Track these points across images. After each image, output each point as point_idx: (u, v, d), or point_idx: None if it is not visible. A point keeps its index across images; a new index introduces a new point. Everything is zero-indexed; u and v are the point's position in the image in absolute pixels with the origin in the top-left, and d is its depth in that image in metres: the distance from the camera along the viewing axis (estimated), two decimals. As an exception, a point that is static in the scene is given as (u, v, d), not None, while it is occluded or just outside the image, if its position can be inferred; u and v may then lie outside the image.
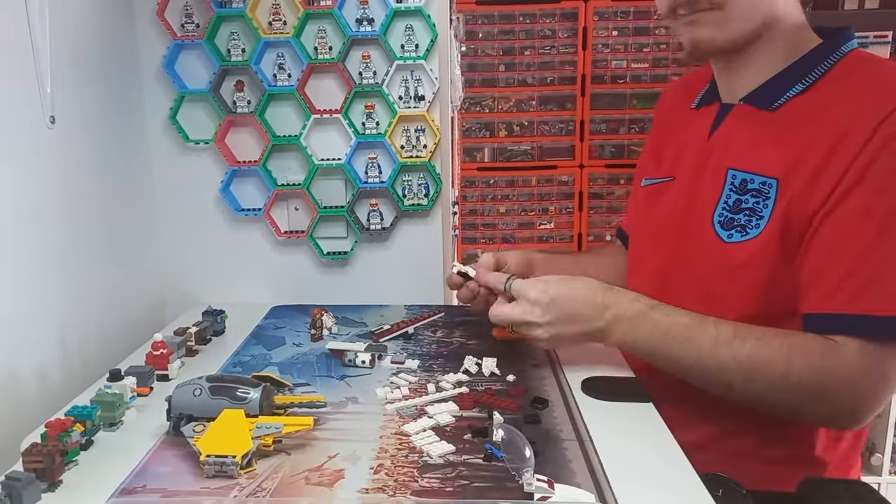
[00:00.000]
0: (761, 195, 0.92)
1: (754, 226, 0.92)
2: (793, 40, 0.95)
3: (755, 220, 0.92)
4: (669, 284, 1.02)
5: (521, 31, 2.35)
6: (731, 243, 0.93)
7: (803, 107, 0.92)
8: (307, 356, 1.10)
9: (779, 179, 0.90)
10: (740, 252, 0.93)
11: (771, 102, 0.95)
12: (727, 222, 0.94)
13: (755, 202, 0.92)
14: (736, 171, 0.95)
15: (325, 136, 1.35)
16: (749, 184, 0.93)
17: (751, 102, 0.97)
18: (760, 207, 0.91)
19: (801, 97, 0.93)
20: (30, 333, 0.98)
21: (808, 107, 0.92)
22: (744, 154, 0.95)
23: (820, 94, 0.92)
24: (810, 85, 0.92)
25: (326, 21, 1.30)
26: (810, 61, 0.93)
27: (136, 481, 0.75)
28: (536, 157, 2.42)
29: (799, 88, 0.93)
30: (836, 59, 0.92)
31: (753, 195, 0.92)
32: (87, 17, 1.14)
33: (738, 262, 0.93)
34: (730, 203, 0.95)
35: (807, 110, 0.91)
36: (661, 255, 1.05)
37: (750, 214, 0.92)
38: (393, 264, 1.40)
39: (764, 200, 0.91)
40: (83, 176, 1.12)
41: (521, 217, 2.45)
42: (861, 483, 0.92)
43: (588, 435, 0.84)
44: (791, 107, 0.93)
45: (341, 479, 0.75)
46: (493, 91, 2.39)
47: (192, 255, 1.39)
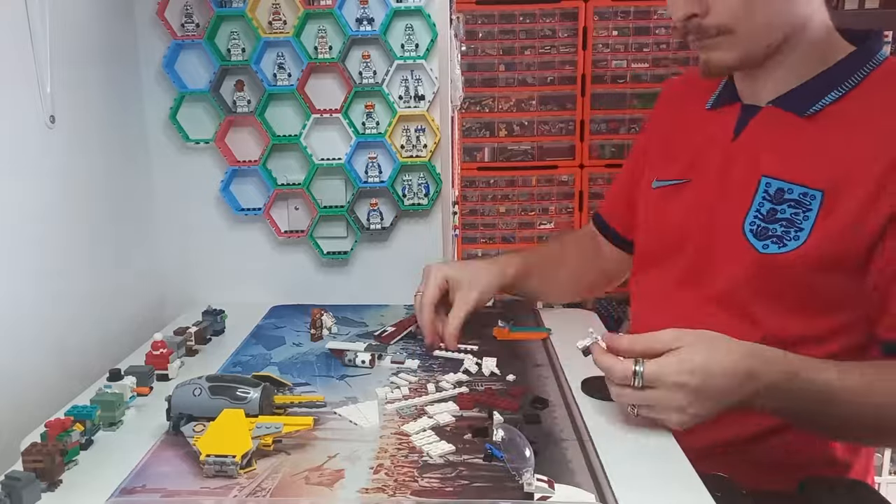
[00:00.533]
0: (801, 206, 0.88)
1: (793, 237, 0.88)
2: (821, 46, 0.92)
3: (794, 231, 0.88)
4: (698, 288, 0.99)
5: (521, 30, 2.35)
6: (767, 254, 0.90)
7: (843, 116, 0.89)
8: (307, 356, 1.10)
9: (824, 192, 0.87)
10: (777, 262, 0.89)
11: (805, 108, 0.91)
12: (761, 232, 0.91)
13: (793, 213, 0.89)
14: (771, 179, 0.91)
15: (325, 136, 1.35)
16: (787, 193, 0.89)
17: (782, 106, 0.94)
18: (800, 219, 0.88)
19: (837, 105, 0.90)
20: (30, 333, 0.98)
21: (848, 116, 0.88)
22: (779, 161, 0.92)
23: (857, 103, 0.89)
24: (846, 93, 0.89)
25: (326, 21, 1.30)
26: (846, 68, 0.90)
27: (136, 481, 0.75)
28: (536, 157, 2.42)
29: (835, 96, 0.90)
30: (871, 68, 0.90)
31: (791, 206, 0.89)
32: (87, 17, 1.14)
33: (774, 272, 0.90)
34: (763, 212, 0.91)
35: (848, 120, 0.88)
36: (683, 261, 1.01)
37: (787, 225, 0.89)
38: (393, 264, 1.40)
39: (804, 212, 0.88)
40: (83, 176, 1.12)
41: (522, 217, 2.45)
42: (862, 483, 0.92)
43: (588, 435, 0.84)
44: (827, 114, 0.90)
45: (341, 479, 0.75)
46: (494, 91, 2.39)
47: (192, 255, 1.39)
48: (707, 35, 0.91)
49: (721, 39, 0.91)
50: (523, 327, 1.19)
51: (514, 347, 1.11)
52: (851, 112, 0.89)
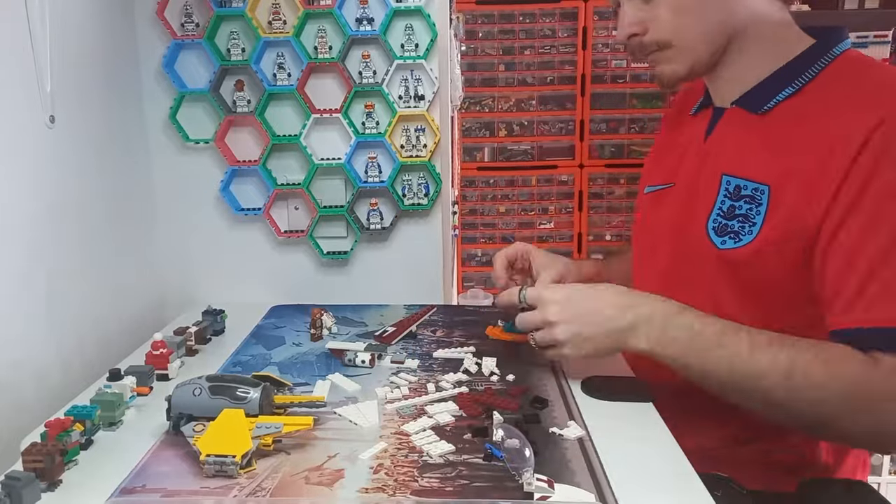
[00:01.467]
0: (754, 201, 0.90)
1: (747, 232, 0.90)
2: (778, 41, 0.94)
3: (748, 226, 0.90)
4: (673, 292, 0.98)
5: (521, 30, 2.35)
6: (725, 250, 0.92)
7: (794, 111, 0.91)
8: (307, 356, 1.10)
9: (770, 186, 0.89)
10: (733, 258, 0.91)
11: (761, 105, 0.93)
12: (721, 228, 0.93)
13: (748, 208, 0.91)
14: (730, 177, 0.94)
15: (325, 136, 1.35)
16: (742, 189, 0.92)
17: (741, 105, 0.96)
18: (753, 214, 0.90)
19: (792, 100, 0.91)
20: (30, 333, 0.98)
21: (798, 111, 0.90)
22: (736, 159, 0.94)
23: (810, 97, 0.90)
24: (801, 88, 0.91)
25: (326, 20, 1.30)
26: (801, 64, 0.92)
27: (136, 481, 0.75)
28: (536, 157, 2.42)
29: (789, 91, 0.91)
30: (826, 62, 0.91)
31: (746, 201, 0.91)
32: (87, 17, 1.14)
33: (731, 268, 0.92)
34: (724, 209, 0.93)
35: (797, 114, 0.90)
36: (662, 261, 1.04)
37: (743, 221, 0.91)
38: (393, 264, 1.40)
39: (756, 207, 0.90)
40: (83, 176, 1.12)
41: (521, 217, 2.45)
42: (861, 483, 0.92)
43: (588, 435, 0.84)
44: (781, 110, 0.92)
45: (341, 479, 0.75)
46: (493, 91, 2.39)
47: (192, 255, 1.39)
48: (649, 51, 0.97)
49: (662, 54, 0.96)
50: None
51: (514, 347, 1.11)
52: (802, 107, 0.90)
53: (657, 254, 1.05)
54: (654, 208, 1.09)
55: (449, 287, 1.43)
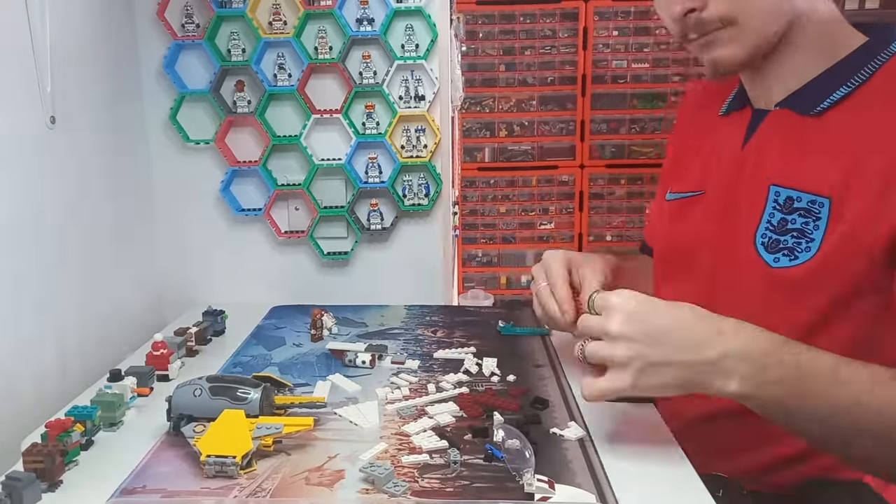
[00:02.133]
0: (811, 215, 0.82)
1: (804, 248, 0.82)
2: (830, 38, 0.86)
3: (805, 242, 0.82)
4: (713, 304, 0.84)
5: (521, 30, 2.35)
6: (779, 268, 0.83)
7: (852, 112, 0.83)
8: (307, 356, 1.10)
9: (831, 199, 0.81)
10: (790, 278, 0.83)
11: (813, 107, 0.85)
12: (772, 244, 0.84)
13: (804, 222, 0.82)
14: (779, 188, 0.85)
15: (326, 136, 1.35)
16: (796, 202, 0.83)
17: (790, 107, 0.88)
18: (811, 229, 0.82)
19: (848, 101, 0.84)
20: (30, 333, 0.98)
21: (858, 113, 0.82)
22: (786, 167, 0.86)
23: (869, 97, 0.83)
24: (856, 88, 0.83)
25: (327, 21, 1.30)
26: (855, 61, 0.84)
27: (137, 481, 0.75)
28: (537, 157, 2.42)
29: (844, 91, 0.84)
30: (883, 60, 0.83)
31: (801, 214, 0.83)
32: (87, 17, 1.14)
33: (788, 289, 0.83)
34: (774, 223, 0.85)
35: (857, 117, 0.82)
36: (698, 279, 0.95)
37: (798, 236, 0.82)
38: (393, 264, 1.40)
39: (815, 221, 0.81)
40: (83, 176, 1.12)
41: (522, 217, 2.45)
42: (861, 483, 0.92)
43: (588, 435, 0.84)
44: (836, 113, 0.84)
45: (341, 480, 0.75)
46: (494, 91, 2.39)
47: (193, 255, 1.39)
48: (709, 29, 0.86)
49: (725, 33, 0.85)
50: (523, 328, 1.19)
51: (514, 347, 1.11)
52: (861, 107, 0.83)
53: (691, 270, 0.96)
54: (680, 218, 1.00)
55: (449, 287, 1.43)
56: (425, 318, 1.27)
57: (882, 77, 0.83)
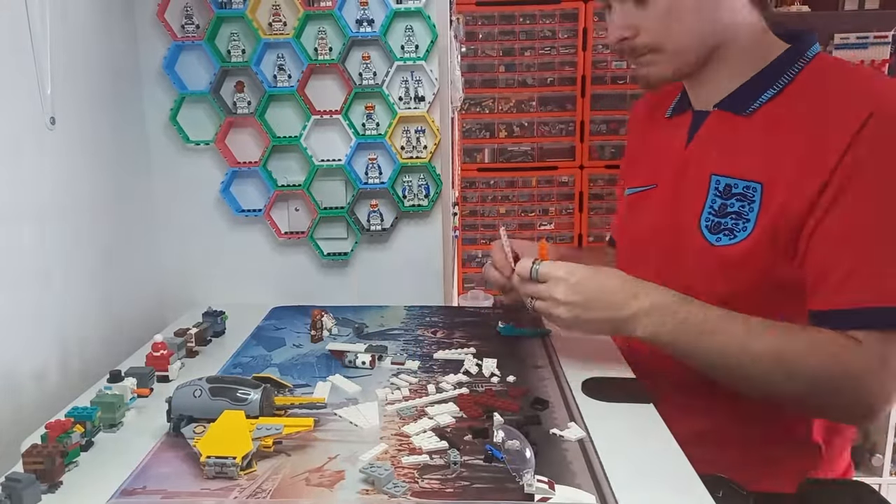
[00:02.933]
0: (746, 199, 0.94)
1: (741, 228, 0.94)
2: (756, 47, 0.98)
3: (742, 223, 0.94)
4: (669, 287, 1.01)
5: (521, 31, 2.35)
6: (720, 246, 0.96)
7: (777, 111, 0.95)
8: (307, 357, 1.10)
9: (763, 184, 0.93)
10: (730, 254, 0.95)
11: (745, 108, 0.97)
12: (714, 226, 0.97)
13: (740, 206, 0.95)
14: (719, 177, 0.97)
15: (326, 137, 1.35)
16: (733, 188, 0.96)
17: (725, 108, 1.00)
18: (746, 211, 0.94)
19: (774, 102, 0.95)
20: (30, 334, 0.98)
21: (782, 111, 0.94)
22: (725, 159, 0.97)
23: (792, 98, 0.94)
24: (781, 90, 0.95)
25: (326, 22, 1.30)
26: (779, 67, 0.96)
27: (137, 482, 0.75)
28: (536, 158, 2.42)
29: (770, 93, 0.96)
30: (803, 64, 0.95)
31: (738, 199, 0.95)
32: (87, 19, 1.14)
33: (728, 263, 0.95)
34: (715, 207, 0.97)
35: (781, 115, 0.94)
36: (653, 261, 1.05)
37: (736, 218, 0.95)
38: (393, 265, 1.40)
39: (749, 204, 0.94)
40: (83, 176, 1.12)
41: (522, 218, 2.45)
42: (861, 483, 0.92)
43: (588, 436, 0.84)
44: (765, 111, 0.96)
45: (341, 480, 0.75)
46: (493, 92, 2.39)
47: (193, 256, 1.39)
48: (639, 54, 0.99)
49: (652, 57, 0.98)
50: (522, 329, 1.19)
51: (514, 348, 1.11)
52: (785, 107, 0.94)
53: (647, 254, 1.07)
54: (637, 209, 1.12)
55: (449, 288, 1.43)
56: (425, 319, 1.27)
57: (803, 78, 0.95)
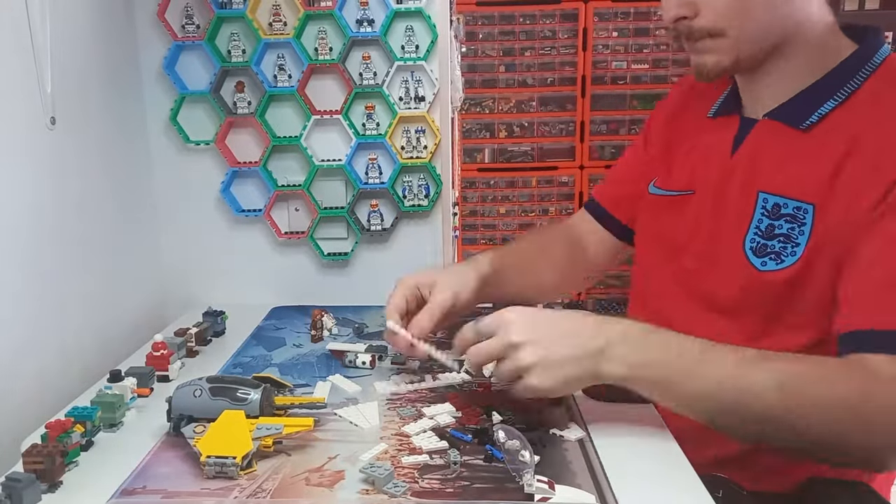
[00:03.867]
0: (796, 221, 0.85)
1: (790, 253, 0.85)
2: (822, 48, 0.88)
3: (790, 247, 0.85)
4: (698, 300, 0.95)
5: (521, 31, 2.35)
6: (767, 272, 0.86)
7: (838, 124, 0.85)
8: (307, 357, 1.10)
9: (815, 205, 0.84)
10: (776, 280, 0.86)
11: (802, 120, 0.87)
12: (760, 249, 0.87)
13: (790, 228, 0.85)
14: (767, 195, 0.88)
15: (326, 137, 1.35)
16: (783, 208, 0.86)
17: (779, 119, 0.90)
18: (796, 234, 0.85)
19: (836, 113, 0.86)
20: (30, 334, 0.98)
21: (843, 124, 0.85)
22: (775, 175, 0.88)
23: (855, 110, 0.85)
24: (845, 100, 0.86)
25: (327, 22, 1.30)
26: (843, 74, 0.86)
27: (137, 482, 0.75)
28: (537, 158, 2.42)
29: (832, 105, 0.86)
30: (870, 71, 0.86)
31: (787, 220, 0.86)
32: (87, 18, 1.14)
33: (773, 289, 0.87)
34: (762, 228, 0.88)
35: (842, 128, 0.85)
36: (684, 270, 0.98)
37: (784, 241, 0.86)
38: (393, 265, 1.40)
39: (799, 227, 0.85)
40: (83, 177, 1.12)
41: (522, 218, 2.45)
42: (861, 483, 0.92)
43: (588, 436, 0.84)
44: (825, 125, 0.86)
45: (341, 480, 0.75)
46: (494, 92, 2.39)
47: (193, 256, 1.39)
48: (697, 37, 0.89)
49: (712, 43, 0.88)
50: None
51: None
52: (849, 120, 0.85)
53: (677, 258, 0.99)
54: (668, 214, 1.02)
55: (449, 288, 1.42)
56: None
57: (870, 86, 0.85)
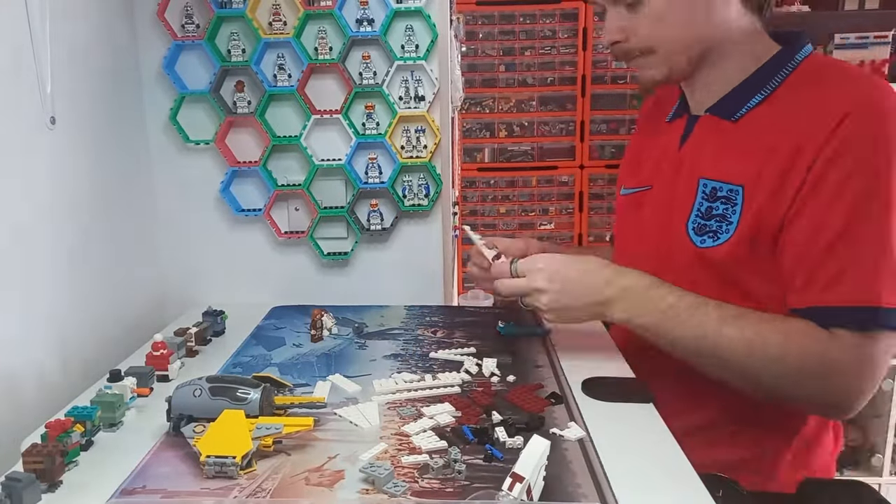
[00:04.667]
0: (729, 202, 0.96)
1: (724, 231, 0.96)
2: (749, 50, 0.99)
3: (725, 225, 0.96)
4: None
5: (521, 31, 2.35)
6: (704, 248, 0.98)
7: (763, 117, 0.96)
8: (307, 357, 1.10)
9: (744, 186, 0.95)
10: (712, 256, 0.97)
11: (733, 113, 0.99)
12: (700, 228, 0.99)
13: (724, 209, 0.97)
14: (707, 180, 0.99)
15: (326, 137, 1.35)
16: (718, 192, 0.98)
17: (714, 113, 1.02)
18: (729, 213, 0.96)
19: (761, 107, 0.97)
20: (30, 334, 0.98)
21: (767, 117, 0.96)
22: (712, 163, 1.00)
23: (778, 103, 0.96)
24: (769, 95, 0.97)
25: (326, 21, 1.30)
26: (767, 72, 0.98)
27: (136, 482, 0.75)
28: (537, 158, 2.42)
29: (758, 99, 0.97)
30: (791, 68, 0.96)
31: (723, 202, 0.97)
32: (87, 19, 1.14)
33: (711, 265, 0.98)
34: (702, 210, 0.99)
35: (766, 120, 0.96)
36: (647, 262, 1.06)
37: (720, 220, 0.97)
38: (393, 265, 1.40)
39: (732, 207, 0.96)
40: (83, 176, 1.12)
41: (522, 217, 2.45)
42: (861, 483, 0.93)
43: (588, 435, 0.84)
44: (752, 117, 0.97)
45: (341, 480, 0.75)
46: (494, 91, 2.39)
47: (193, 256, 1.39)
48: (632, 57, 1.02)
49: (644, 60, 1.01)
50: (523, 328, 1.19)
51: (514, 348, 1.11)
52: (770, 113, 0.96)
53: (641, 255, 1.08)
54: (632, 210, 1.15)
55: (449, 288, 1.43)
56: (425, 319, 1.27)
57: (792, 81, 0.96)
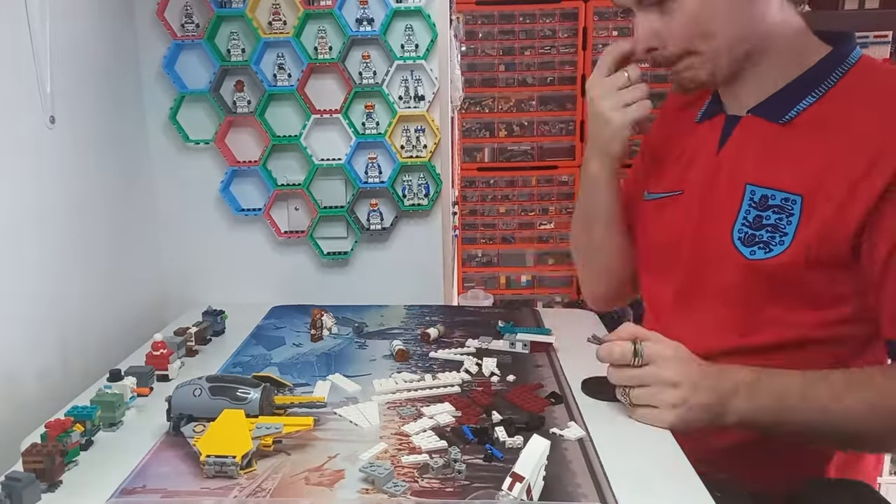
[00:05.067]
0: (783, 211, 0.89)
1: (778, 242, 0.89)
2: (795, 50, 0.93)
3: (778, 236, 0.89)
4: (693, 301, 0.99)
5: (521, 31, 2.35)
6: (755, 260, 0.91)
7: (818, 119, 0.89)
8: (307, 356, 1.10)
9: (803, 196, 0.88)
10: (764, 268, 0.90)
11: (782, 115, 0.92)
12: (748, 239, 0.92)
13: (777, 218, 0.90)
14: (755, 187, 0.92)
15: (325, 136, 1.35)
16: (770, 199, 0.91)
17: (759, 114, 0.94)
18: (783, 224, 0.89)
19: (813, 109, 0.90)
20: (30, 333, 0.98)
21: (824, 119, 0.89)
22: (760, 168, 0.92)
23: (835, 105, 0.89)
24: (822, 96, 0.90)
25: (326, 21, 1.30)
26: (819, 72, 0.91)
27: (136, 481, 0.75)
28: (536, 157, 2.42)
29: (810, 101, 0.90)
30: (845, 69, 0.90)
31: (775, 211, 0.90)
32: (87, 18, 1.14)
33: (762, 277, 0.91)
34: (750, 219, 0.92)
35: (824, 123, 0.89)
36: (678, 269, 1.01)
37: (773, 231, 0.90)
38: (393, 264, 1.40)
39: (787, 217, 0.89)
40: (83, 176, 1.12)
41: (521, 217, 2.45)
42: (861, 483, 0.92)
43: (588, 435, 0.84)
44: (804, 119, 0.91)
45: (341, 480, 0.75)
46: (493, 91, 2.39)
47: (192, 255, 1.39)
48: (672, 62, 0.94)
49: (688, 61, 0.93)
50: (526, 329, 1.19)
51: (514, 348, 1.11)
52: (828, 115, 0.89)
53: (671, 262, 1.02)
54: (659, 216, 1.06)
55: (449, 287, 1.43)
56: (425, 318, 1.27)
57: (848, 82, 0.89)
